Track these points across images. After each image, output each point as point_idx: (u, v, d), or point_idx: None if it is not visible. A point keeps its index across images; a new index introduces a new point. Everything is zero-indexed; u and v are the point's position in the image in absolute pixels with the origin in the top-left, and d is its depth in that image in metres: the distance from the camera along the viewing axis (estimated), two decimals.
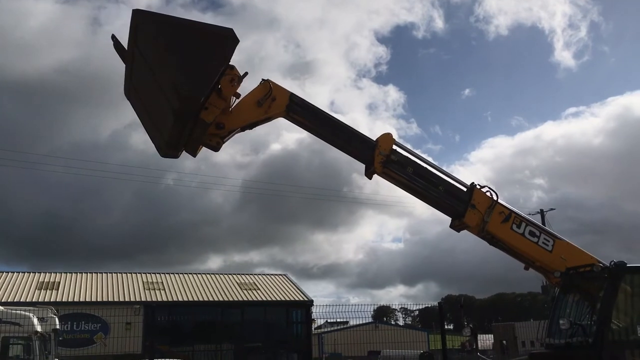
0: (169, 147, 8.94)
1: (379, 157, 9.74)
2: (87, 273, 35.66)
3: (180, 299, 33.48)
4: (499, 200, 10.06)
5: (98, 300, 31.35)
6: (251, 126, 9.49)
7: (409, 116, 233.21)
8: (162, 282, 35.88)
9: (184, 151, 9.22)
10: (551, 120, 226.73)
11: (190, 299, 33.77)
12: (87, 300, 31.18)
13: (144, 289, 34.08)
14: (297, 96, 9.55)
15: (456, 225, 10.18)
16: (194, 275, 38.60)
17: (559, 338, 9.81)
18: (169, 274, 38.27)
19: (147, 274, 37.26)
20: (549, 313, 10.28)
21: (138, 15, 8.20)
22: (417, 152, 10.20)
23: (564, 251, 10.05)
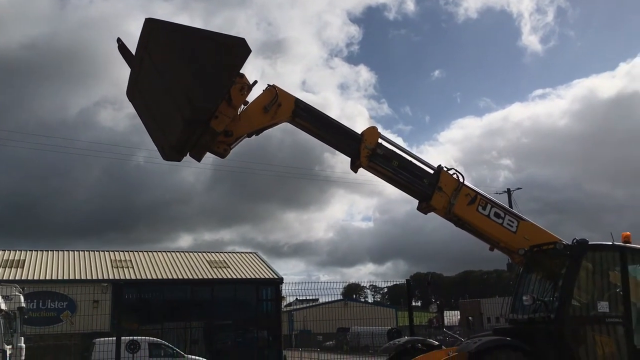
0: (173, 151, 8.93)
1: (365, 151, 9.79)
2: (53, 251, 35.12)
3: (149, 277, 33.24)
4: (465, 183, 10.18)
5: (64, 278, 30.91)
6: (258, 132, 9.50)
7: (379, 96, 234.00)
8: (131, 260, 35.56)
9: (187, 155, 9.22)
10: (518, 101, 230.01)
11: (159, 277, 33.57)
12: (53, 278, 30.73)
13: (112, 267, 33.74)
14: (302, 101, 9.61)
15: (423, 208, 10.27)
16: (163, 254, 38.35)
17: (522, 314, 10.05)
18: (137, 252, 37.94)
19: (115, 252, 36.87)
20: (513, 290, 10.51)
21: (151, 24, 8.17)
22: (396, 140, 10.26)
23: (527, 232, 10.25)
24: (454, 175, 10.17)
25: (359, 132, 10.01)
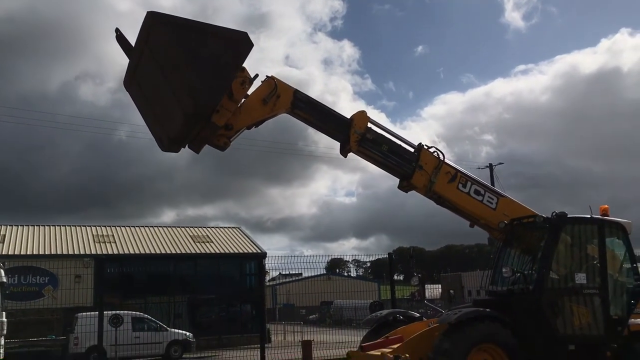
0: (172, 143, 8.90)
1: (355, 136, 9.74)
2: (34, 226, 34.81)
3: (131, 251, 33.13)
4: (446, 160, 10.20)
5: (46, 253, 30.70)
6: (258, 124, 9.44)
7: (363, 72, 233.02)
8: (113, 235, 35.38)
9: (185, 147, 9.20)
10: (501, 77, 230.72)
11: (142, 251, 33.47)
12: (34, 253, 30.52)
13: (94, 241, 33.56)
14: (301, 92, 9.54)
15: (404, 186, 10.29)
16: (146, 229, 38.20)
17: (502, 285, 10.21)
18: (120, 226, 37.74)
19: (98, 227, 36.64)
20: (493, 263, 10.64)
21: (152, 17, 8.05)
22: (380, 117, 10.23)
23: (507, 208, 10.35)
24: (435, 154, 10.18)
25: (348, 115, 9.94)
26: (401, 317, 10.67)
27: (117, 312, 19.08)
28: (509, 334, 8.77)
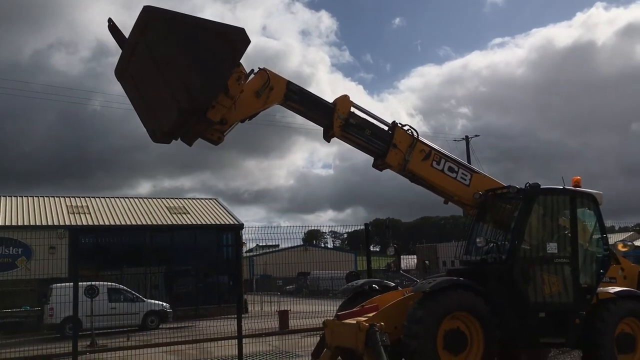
0: (164, 136, 8.84)
1: (338, 121, 9.67)
2: (7, 197, 34.24)
3: (106, 223, 32.88)
4: (420, 138, 10.18)
5: (19, 224, 30.32)
6: (251, 117, 9.35)
7: (341, 44, 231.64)
8: (88, 206, 35.02)
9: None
10: (478, 50, 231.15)
11: (117, 223, 33.24)
12: (7, 224, 30.09)
13: (68, 212, 33.19)
14: (293, 84, 9.44)
15: (379, 165, 10.26)
16: (121, 200, 37.86)
17: (476, 255, 10.37)
18: (94, 197, 37.38)
19: (72, 198, 36.21)
20: (467, 233, 10.78)
21: (149, 12, 7.88)
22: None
23: (480, 184, 10.43)
24: (409, 131, 10.15)
25: (331, 99, 9.87)
26: (377, 287, 10.80)
27: (93, 283, 19.01)
28: (481, 303, 8.94)
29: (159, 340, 18.05)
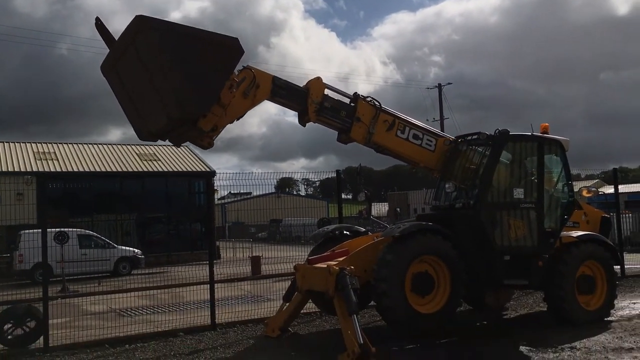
0: (151, 136, 8.75)
1: (313, 106, 9.48)
2: None
3: (75, 169, 32.34)
4: (382, 107, 10.05)
5: None
6: (239, 118, 9.17)
7: None
8: (56, 153, 34.35)
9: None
10: None
11: (87, 169, 32.74)
12: None
13: (36, 159, 32.53)
14: (279, 79, 9.25)
15: (343, 139, 10.12)
16: (90, 146, 37.20)
17: (445, 201, 10.53)
18: (62, 143, 36.62)
19: (39, 144, 35.43)
20: (437, 180, 10.89)
21: (140, 23, 7.66)
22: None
23: (446, 147, 10.43)
24: (371, 103, 10.00)
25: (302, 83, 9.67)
26: (347, 232, 10.94)
27: (62, 229, 18.86)
28: (449, 247, 9.15)
29: (131, 285, 18.13)
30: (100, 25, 8.38)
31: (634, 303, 11.92)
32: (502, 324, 10.86)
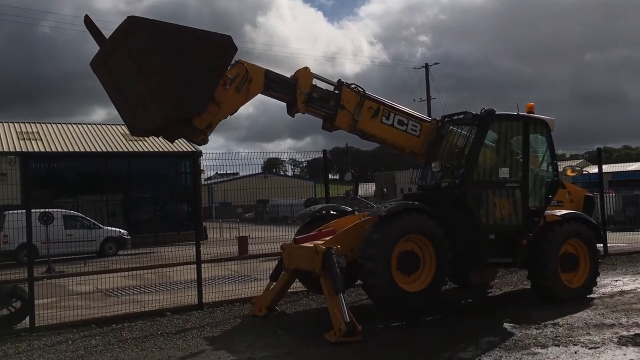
0: (144, 132, 8.83)
1: (301, 97, 9.46)
2: None
3: (59, 149, 32.00)
4: (367, 94, 10.03)
5: None
6: (232, 113, 9.13)
7: None
8: (39, 132, 33.97)
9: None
10: None
11: (71, 149, 32.41)
12: None
13: (19, 139, 32.14)
14: (272, 72, 9.22)
15: (328, 127, 10.11)
16: (75, 126, 36.83)
17: (431, 180, 10.57)
18: (46, 123, 36.19)
19: (22, 124, 35.01)
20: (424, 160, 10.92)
21: (133, 23, 7.53)
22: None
23: (430, 133, 10.47)
24: (355, 89, 9.96)
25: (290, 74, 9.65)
26: (334, 212, 10.97)
27: (47, 209, 18.73)
28: (435, 225, 9.20)
29: (117, 266, 18.09)
30: (89, 23, 8.33)
31: (616, 280, 12.13)
32: (487, 301, 11.01)
